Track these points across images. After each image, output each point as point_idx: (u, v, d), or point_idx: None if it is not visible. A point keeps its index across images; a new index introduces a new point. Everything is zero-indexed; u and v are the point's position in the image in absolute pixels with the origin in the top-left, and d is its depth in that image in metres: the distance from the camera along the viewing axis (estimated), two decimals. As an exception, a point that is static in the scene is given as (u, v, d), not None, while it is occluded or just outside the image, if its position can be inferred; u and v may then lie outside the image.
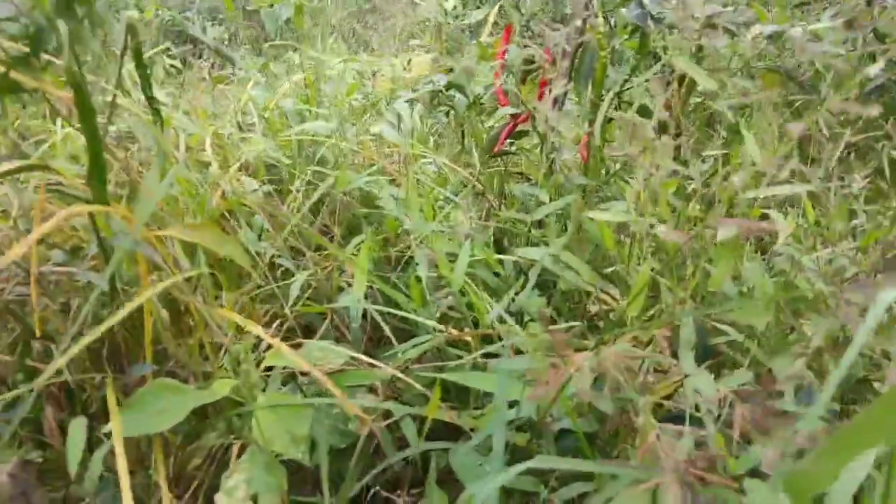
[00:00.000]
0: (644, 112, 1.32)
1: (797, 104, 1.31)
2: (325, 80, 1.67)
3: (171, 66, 2.58)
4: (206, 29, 2.61)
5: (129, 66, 1.61)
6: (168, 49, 2.58)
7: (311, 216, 1.41)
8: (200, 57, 2.81)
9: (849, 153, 0.96)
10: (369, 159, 1.36)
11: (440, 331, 0.84)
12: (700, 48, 1.16)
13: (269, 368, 0.88)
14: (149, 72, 0.94)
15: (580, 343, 0.71)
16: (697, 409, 0.67)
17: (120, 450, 0.60)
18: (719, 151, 1.11)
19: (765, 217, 1.00)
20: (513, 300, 1.06)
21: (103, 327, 0.60)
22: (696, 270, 0.90)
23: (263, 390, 0.76)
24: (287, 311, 0.93)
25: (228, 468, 0.72)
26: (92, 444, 0.77)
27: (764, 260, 1.14)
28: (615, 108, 1.25)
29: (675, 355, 0.79)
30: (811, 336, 0.87)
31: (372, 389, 0.86)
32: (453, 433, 0.84)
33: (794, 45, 1.24)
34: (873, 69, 0.78)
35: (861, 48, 1.36)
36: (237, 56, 2.62)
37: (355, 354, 0.78)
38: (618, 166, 1.35)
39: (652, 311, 0.92)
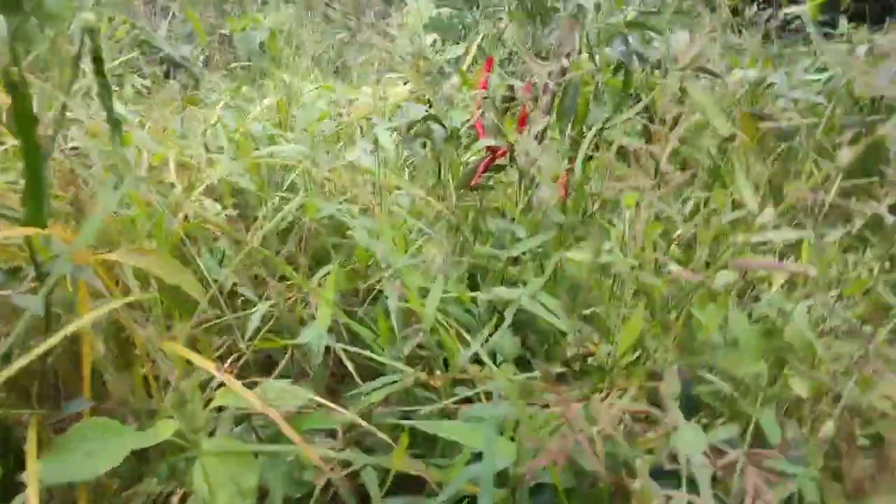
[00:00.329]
0: (624, 152, 1.30)
1: (777, 151, 1.31)
2: (298, 105, 1.63)
3: (143, 85, 2.52)
4: (177, 48, 2.56)
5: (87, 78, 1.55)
6: (138, 70, 2.52)
7: (279, 244, 1.34)
8: (174, 78, 2.74)
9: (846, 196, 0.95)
10: (341, 187, 1.31)
11: (409, 371, 0.78)
12: (683, 90, 1.15)
13: (223, 407, 0.81)
14: (110, 78, 0.88)
15: (565, 392, 0.66)
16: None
17: (32, 500, 0.52)
18: (701, 193, 1.09)
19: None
20: (486, 340, 1.01)
21: (24, 361, 0.53)
22: (680, 316, 0.86)
23: (212, 433, 0.69)
24: (242, 345, 0.86)
25: (166, 521, 0.64)
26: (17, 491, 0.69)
27: (741, 304, 1.11)
28: (596, 147, 1.23)
29: (657, 404, 0.74)
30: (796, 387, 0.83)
31: (332, 433, 0.79)
32: (419, 482, 0.77)
33: (775, 92, 1.24)
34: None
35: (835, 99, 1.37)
36: (213, 77, 2.57)
37: (313, 397, 0.72)
38: (596, 206, 1.32)
39: (634, 357, 0.87)
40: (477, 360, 1.05)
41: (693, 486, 0.59)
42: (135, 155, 1.44)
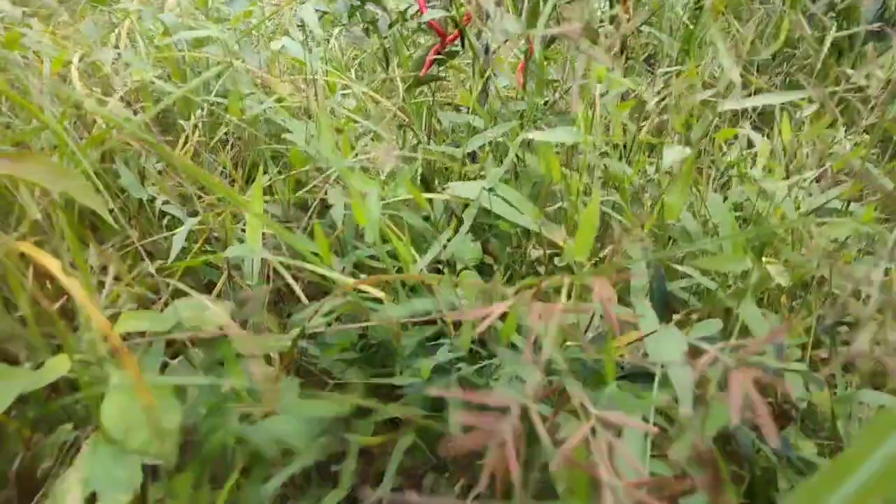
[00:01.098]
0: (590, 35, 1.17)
1: (754, 16, 1.19)
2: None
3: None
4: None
5: None
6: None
7: (215, 156, 1.21)
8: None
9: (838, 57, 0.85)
10: (275, 86, 1.17)
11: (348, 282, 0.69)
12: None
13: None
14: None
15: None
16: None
17: None
18: (672, 68, 0.98)
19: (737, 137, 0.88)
20: (444, 247, 0.92)
21: None
22: (653, 205, 0.78)
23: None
24: (152, 268, 0.76)
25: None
26: None
27: (715, 190, 1.03)
28: (557, 22, 1.10)
29: (628, 302, 0.66)
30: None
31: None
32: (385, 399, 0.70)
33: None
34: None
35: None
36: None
37: (230, 319, 0.62)
38: (559, 93, 1.21)
39: (602, 254, 0.79)
40: (436, 269, 0.96)
41: (666, 390, 0.53)
42: (35, 63, 1.27)
